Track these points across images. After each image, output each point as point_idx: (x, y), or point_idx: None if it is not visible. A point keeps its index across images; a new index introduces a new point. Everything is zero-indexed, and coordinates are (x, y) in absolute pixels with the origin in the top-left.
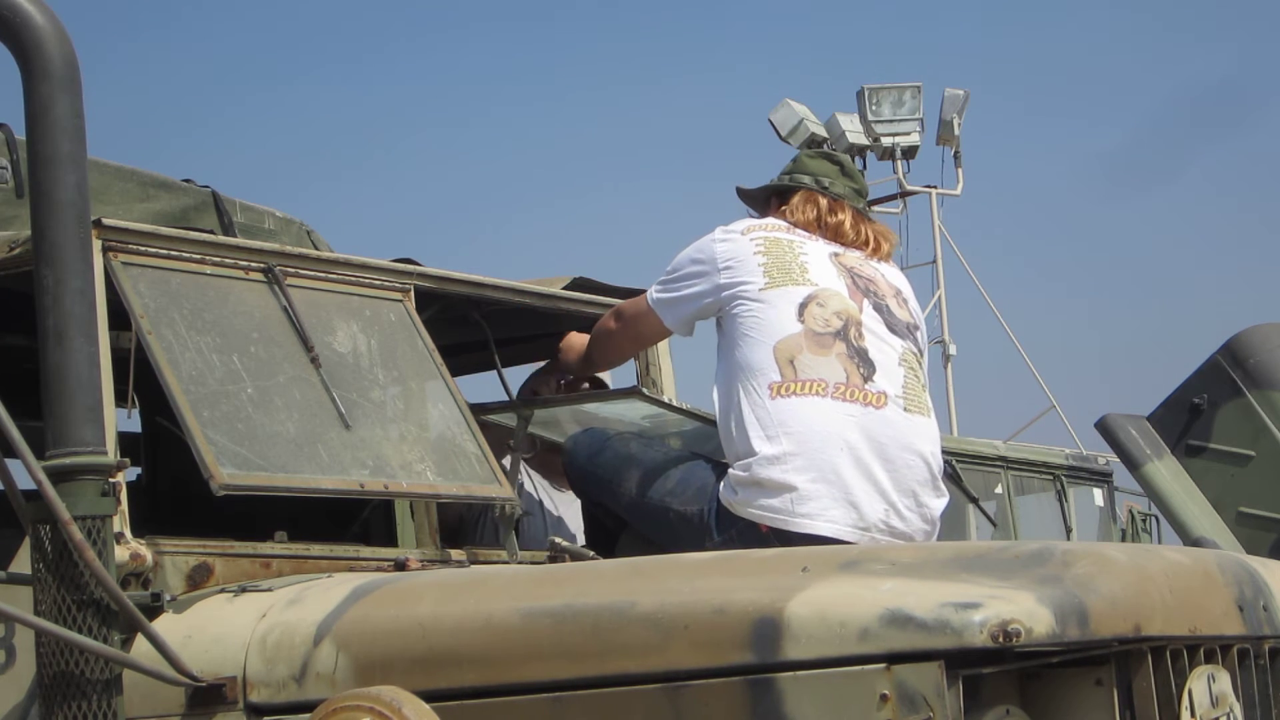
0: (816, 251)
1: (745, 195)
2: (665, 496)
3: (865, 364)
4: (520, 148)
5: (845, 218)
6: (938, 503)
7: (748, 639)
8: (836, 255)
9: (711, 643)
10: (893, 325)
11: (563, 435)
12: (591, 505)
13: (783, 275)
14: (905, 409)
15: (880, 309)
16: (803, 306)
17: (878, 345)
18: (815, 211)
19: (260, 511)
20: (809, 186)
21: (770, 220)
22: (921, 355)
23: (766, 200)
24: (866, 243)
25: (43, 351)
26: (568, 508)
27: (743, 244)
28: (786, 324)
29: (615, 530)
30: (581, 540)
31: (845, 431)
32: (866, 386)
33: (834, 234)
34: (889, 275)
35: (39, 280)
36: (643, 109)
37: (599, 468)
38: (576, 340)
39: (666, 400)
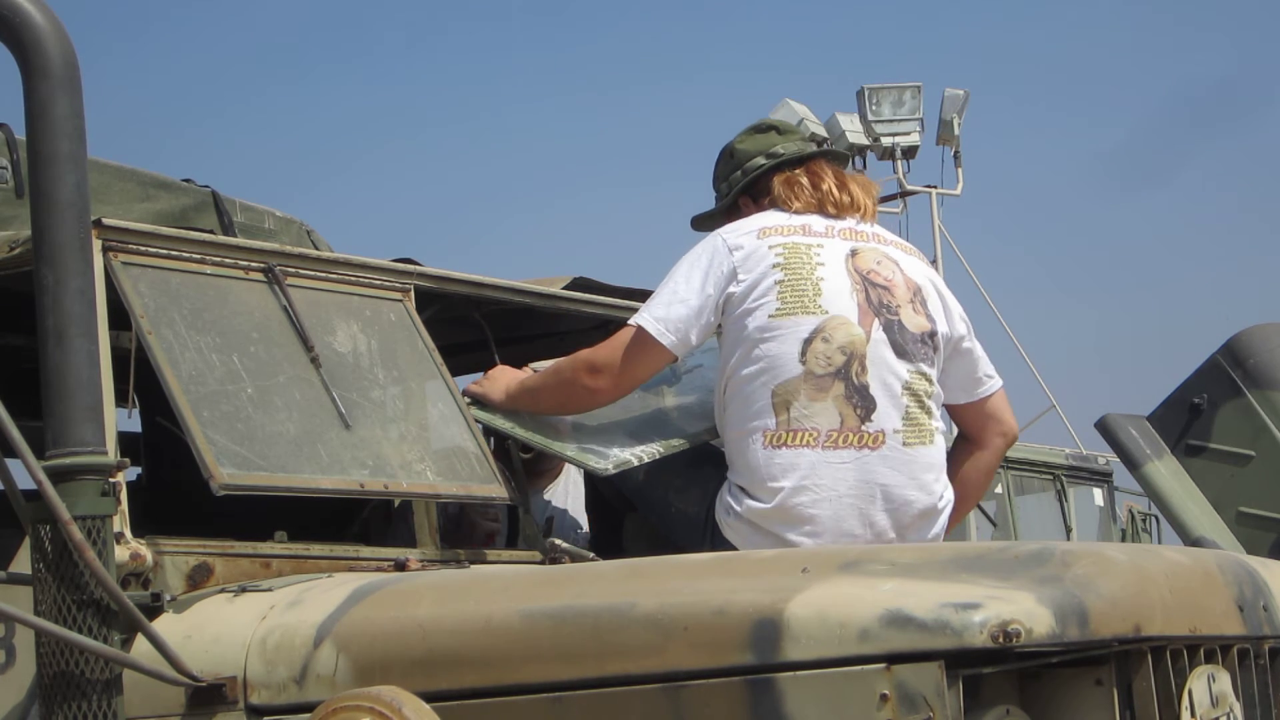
0: (834, 258)
1: (706, 221)
2: (670, 492)
3: (864, 402)
4: (520, 148)
5: (830, 184)
6: (936, 533)
7: (748, 640)
8: (852, 255)
9: (711, 643)
10: (901, 346)
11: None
12: (599, 483)
13: (795, 300)
14: (905, 442)
15: (891, 327)
16: (807, 343)
17: (880, 378)
18: (812, 193)
19: (244, 512)
20: (767, 166)
21: (777, 217)
22: (937, 353)
23: (731, 207)
24: (857, 207)
25: (43, 351)
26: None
27: (759, 250)
28: (788, 365)
29: (620, 510)
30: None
31: (836, 484)
32: (864, 427)
33: (836, 208)
34: (909, 269)
35: (39, 280)
36: (643, 109)
37: None
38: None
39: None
